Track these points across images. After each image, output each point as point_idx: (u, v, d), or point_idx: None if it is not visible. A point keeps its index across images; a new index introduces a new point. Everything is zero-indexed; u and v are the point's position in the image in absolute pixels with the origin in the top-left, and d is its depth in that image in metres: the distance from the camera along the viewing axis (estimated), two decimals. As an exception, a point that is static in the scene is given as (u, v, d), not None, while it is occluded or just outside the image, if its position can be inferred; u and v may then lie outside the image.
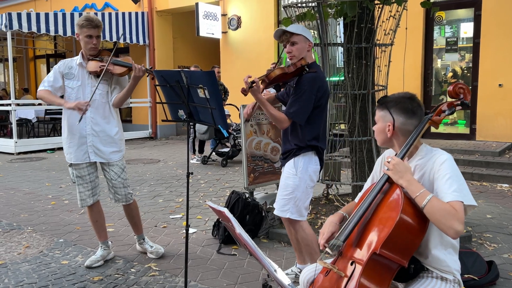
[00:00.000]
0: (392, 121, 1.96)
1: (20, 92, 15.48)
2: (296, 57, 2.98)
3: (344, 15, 4.31)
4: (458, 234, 1.64)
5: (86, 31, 3.44)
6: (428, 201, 1.70)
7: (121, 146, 3.66)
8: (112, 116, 3.59)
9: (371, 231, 1.82)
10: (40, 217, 5.12)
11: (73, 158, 3.56)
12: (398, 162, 1.82)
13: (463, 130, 8.67)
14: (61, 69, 3.56)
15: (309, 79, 2.93)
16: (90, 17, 3.47)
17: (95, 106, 3.49)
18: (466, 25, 8.57)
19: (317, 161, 3.07)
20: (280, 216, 3.11)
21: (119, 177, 3.63)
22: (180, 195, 6.05)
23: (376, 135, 2.06)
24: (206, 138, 8.62)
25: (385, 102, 2.01)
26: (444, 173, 1.78)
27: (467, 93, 1.91)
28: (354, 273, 1.77)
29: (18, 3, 15.82)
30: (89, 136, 3.52)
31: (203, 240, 4.26)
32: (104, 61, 3.47)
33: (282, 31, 2.99)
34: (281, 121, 2.97)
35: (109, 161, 3.59)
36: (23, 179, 7.38)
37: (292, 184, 3.02)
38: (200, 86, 2.76)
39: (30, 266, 3.70)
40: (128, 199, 3.72)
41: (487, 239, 4.14)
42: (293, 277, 3.29)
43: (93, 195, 3.66)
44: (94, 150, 3.54)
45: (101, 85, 3.49)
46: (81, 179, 3.60)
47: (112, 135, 3.58)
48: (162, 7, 12.53)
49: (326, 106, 3.07)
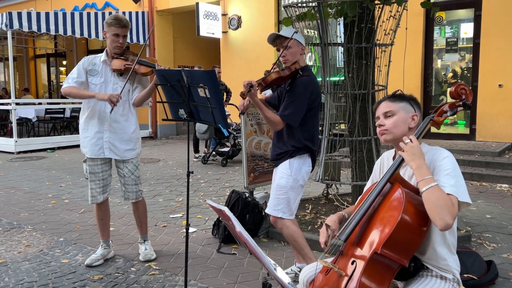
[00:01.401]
0: (414, 111, 1.98)
1: (21, 93, 15.48)
2: (290, 61, 3.04)
3: (344, 15, 4.31)
4: (448, 227, 1.66)
5: (114, 30, 3.50)
6: (431, 186, 1.71)
7: (137, 145, 3.72)
8: (131, 113, 3.65)
9: (372, 230, 1.82)
10: (40, 216, 5.13)
11: (88, 152, 3.61)
12: (416, 145, 1.81)
13: (463, 130, 8.68)
14: (85, 65, 3.60)
15: (303, 83, 3.01)
16: (119, 16, 3.53)
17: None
18: (466, 26, 8.58)
19: (310, 163, 3.16)
20: (272, 215, 3.15)
21: (132, 174, 3.69)
22: (180, 195, 6.06)
23: (393, 127, 1.97)
24: (206, 138, 8.63)
25: (401, 94, 1.99)
26: (445, 168, 1.80)
27: (469, 94, 1.91)
28: (355, 273, 1.77)
29: (19, 3, 15.82)
30: (106, 132, 3.57)
31: (203, 239, 4.27)
32: (130, 60, 3.54)
33: (276, 36, 3.05)
34: (275, 123, 3.03)
35: (124, 158, 3.64)
36: (23, 178, 7.38)
37: (286, 185, 3.08)
38: (200, 85, 2.76)
39: (30, 265, 3.70)
40: (138, 197, 3.77)
41: (486, 239, 4.15)
42: (293, 276, 3.30)
43: (103, 193, 3.70)
44: (110, 146, 3.60)
45: (123, 83, 3.54)
46: (94, 176, 3.64)
47: (130, 133, 3.64)
48: (162, 7, 12.53)
49: (318, 108, 3.15)
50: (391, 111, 1.99)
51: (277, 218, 3.14)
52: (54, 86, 18.22)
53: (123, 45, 3.57)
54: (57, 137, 11.68)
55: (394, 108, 1.99)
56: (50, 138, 11.34)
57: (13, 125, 10.41)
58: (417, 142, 1.83)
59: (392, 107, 1.99)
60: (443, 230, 1.67)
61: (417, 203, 1.77)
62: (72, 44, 15.85)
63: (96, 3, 13.56)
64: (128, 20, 3.58)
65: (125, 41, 3.60)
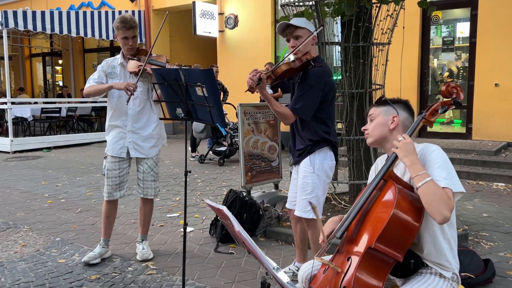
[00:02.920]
0: (396, 113, 2.01)
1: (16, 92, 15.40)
2: (301, 52, 2.84)
3: (341, 14, 4.31)
4: (446, 220, 1.68)
5: (121, 33, 3.52)
6: (426, 182, 1.73)
7: (158, 141, 3.76)
8: (153, 111, 3.71)
9: (366, 226, 1.85)
10: (37, 215, 5.10)
11: (110, 149, 3.68)
12: (409, 142, 1.84)
13: (459, 130, 8.70)
14: (105, 68, 3.65)
15: (315, 74, 2.84)
16: (125, 18, 3.51)
17: (137, 103, 3.61)
18: (463, 25, 8.60)
19: (332, 156, 3.01)
20: (305, 217, 3.01)
21: (152, 170, 3.74)
22: (177, 194, 6.04)
23: (372, 130, 2.04)
24: (203, 137, 8.62)
25: (385, 100, 2.04)
26: (435, 161, 1.83)
27: (460, 92, 1.97)
28: (350, 268, 1.79)
29: (14, 1, 15.73)
30: (129, 133, 3.64)
31: (201, 239, 4.26)
32: (142, 60, 3.56)
33: (286, 25, 2.90)
34: (286, 117, 2.90)
35: (148, 156, 3.71)
36: (19, 177, 7.35)
37: (311, 183, 2.96)
38: (198, 84, 2.76)
39: (26, 265, 3.68)
40: (156, 193, 3.83)
41: (483, 238, 4.16)
42: (291, 275, 3.29)
43: (120, 190, 3.73)
44: (134, 146, 3.66)
45: (141, 83, 3.59)
46: (111, 172, 3.68)
47: (151, 130, 3.69)
48: (158, 6, 12.50)
49: (333, 101, 3.00)
50: (373, 115, 2.07)
51: (309, 220, 3.00)
52: (50, 85, 18.14)
53: (134, 46, 3.59)
54: (53, 136, 11.64)
55: (375, 112, 2.06)
56: (46, 137, 11.30)
57: (9, 124, 10.37)
58: (410, 139, 1.86)
59: (375, 111, 2.07)
60: (442, 223, 1.70)
61: (410, 199, 1.80)
62: (68, 43, 15.78)
63: (92, 2, 13.51)
64: (135, 19, 3.57)
65: (136, 41, 3.61)
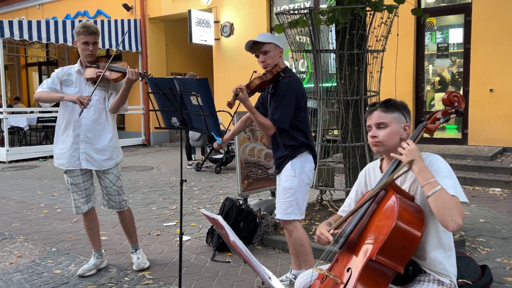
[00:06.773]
0: (405, 121, 1.97)
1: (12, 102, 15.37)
2: (270, 65, 3.07)
3: (336, 21, 4.34)
4: (459, 228, 1.68)
5: (82, 38, 3.46)
6: (438, 190, 1.71)
7: (114, 154, 3.62)
8: (108, 122, 3.58)
9: (367, 237, 1.82)
10: (33, 226, 5.08)
11: (66, 163, 3.55)
12: (414, 149, 1.81)
13: (455, 135, 8.73)
14: (59, 75, 3.57)
15: (286, 84, 3.04)
16: (87, 24, 3.49)
17: (92, 112, 3.50)
18: (457, 31, 8.65)
19: (311, 159, 3.16)
20: (285, 219, 3.13)
21: (114, 185, 3.63)
22: (173, 202, 6.03)
23: (386, 140, 1.95)
24: (200, 145, 8.61)
25: (394, 103, 1.97)
26: (441, 170, 1.82)
27: (461, 101, 1.93)
28: (350, 280, 1.77)
29: (10, 11, 15.75)
30: (82, 143, 3.51)
31: (197, 248, 4.24)
32: (101, 67, 3.50)
33: (253, 42, 3.06)
34: (267, 128, 3.05)
35: (102, 169, 3.58)
36: (15, 187, 7.31)
37: (291, 186, 3.08)
38: (193, 93, 2.76)
39: (22, 276, 3.66)
40: (123, 206, 3.71)
41: (480, 244, 4.15)
42: (288, 284, 3.28)
43: (87, 202, 3.65)
44: (86, 157, 3.53)
45: (98, 91, 3.50)
46: (76, 187, 3.59)
47: (106, 142, 3.56)
48: (154, 14, 12.53)
49: (306, 107, 3.16)
50: (384, 123, 1.96)
51: (288, 221, 3.12)
52: (46, 94, 18.08)
53: (94, 52, 3.51)
54: (49, 145, 11.55)
55: (387, 119, 1.96)
56: (42, 147, 11.25)
57: (5, 134, 10.33)
58: (415, 145, 1.83)
59: (385, 118, 1.96)
60: (455, 231, 1.70)
61: (412, 210, 1.78)
62: (64, 52, 15.77)
63: (88, 11, 13.53)
64: (96, 26, 3.53)
65: (97, 48, 3.55)
